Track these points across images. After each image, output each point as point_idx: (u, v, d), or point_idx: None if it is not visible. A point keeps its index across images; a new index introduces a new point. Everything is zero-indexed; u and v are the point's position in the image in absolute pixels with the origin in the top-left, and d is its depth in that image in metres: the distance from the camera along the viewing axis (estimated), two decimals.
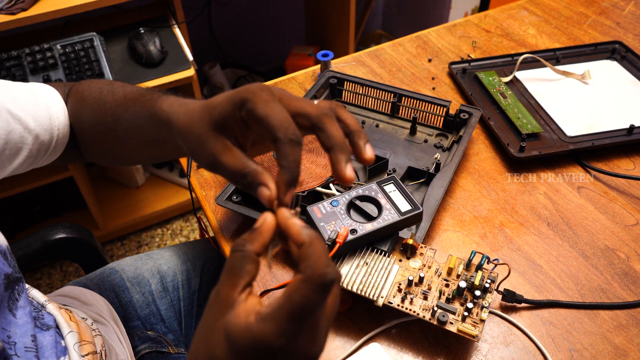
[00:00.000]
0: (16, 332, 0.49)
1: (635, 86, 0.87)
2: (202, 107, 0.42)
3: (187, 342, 0.77)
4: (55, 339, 0.53)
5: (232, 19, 2.00)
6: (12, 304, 0.51)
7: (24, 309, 0.51)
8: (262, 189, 0.39)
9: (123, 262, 0.81)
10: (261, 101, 0.38)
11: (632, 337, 0.56)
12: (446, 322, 0.52)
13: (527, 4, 1.11)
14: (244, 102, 0.39)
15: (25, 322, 0.50)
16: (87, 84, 0.59)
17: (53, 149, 0.58)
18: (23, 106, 0.54)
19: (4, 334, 0.48)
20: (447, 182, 0.67)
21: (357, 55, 0.99)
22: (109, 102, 0.54)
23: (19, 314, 0.51)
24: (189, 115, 0.43)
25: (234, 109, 0.40)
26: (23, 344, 0.49)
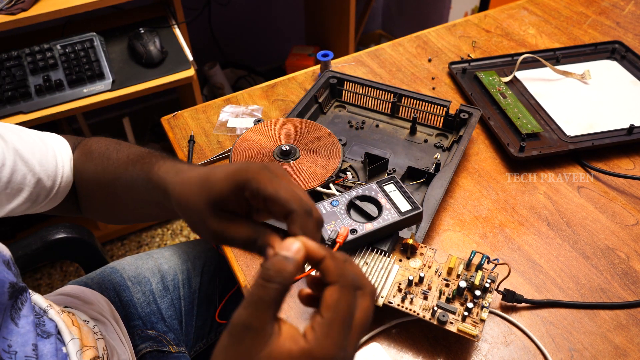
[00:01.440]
0: (17, 341, 0.49)
1: (635, 86, 0.87)
2: (200, 182, 0.43)
3: (188, 341, 0.77)
4: (55, 346, 0.53)
5: (232, 19, 2.00)
6: (14, 312, 0.51)
7: (26, 317, 0.51)
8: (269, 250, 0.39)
9: (124, 261, 0.81)
10: (265, 180, 0.39)
11: (632, 336, 0.56)
12: (446, 322, 0.52)
13: (527, 4, 1.11)
14: (246, 183, 0.40)
15: (27, 331, 0.50)
16: (97, 140, 0.61)
17: (53, 196, 0.58)
18: (31, 149, 0.56)
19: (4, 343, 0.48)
20: (447, 182, 0.67)
21: (357, 55, 0.99)
22: (113, 160, 0.56)
23: (21, 322, 0.51)
24: (186, 187, 0.44)
25: (235, 190, 0.40)
26: (24, 353, 0.49)
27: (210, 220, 0.41)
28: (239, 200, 0.41)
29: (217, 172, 0.42)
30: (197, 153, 0.80)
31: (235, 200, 0.41)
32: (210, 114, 0.87)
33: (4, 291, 0.49)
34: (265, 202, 0.40)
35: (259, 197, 0.39)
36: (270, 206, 0.40)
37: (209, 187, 0.41)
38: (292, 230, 0.39)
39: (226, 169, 0.42)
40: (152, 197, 0.50)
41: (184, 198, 0.43)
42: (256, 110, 0.87)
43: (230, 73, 2.07)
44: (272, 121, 0.74)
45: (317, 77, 0.93)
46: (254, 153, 0.69)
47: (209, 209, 0.41)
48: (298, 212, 0.39)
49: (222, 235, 0.42)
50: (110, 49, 1.32)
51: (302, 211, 0.39)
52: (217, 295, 0.81)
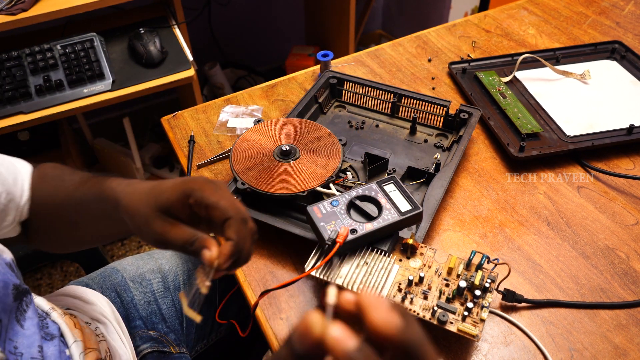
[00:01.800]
0: (23, 342, 0.49)
1: (635, 86, 0.87)
2: (149, 189, 0.48)
3: (189, 341, 0.77)
4: (59, 348, 0.53)
5: (232, 19, 2.00)
6: (19, 315, 0.51)
7: (32, 319, 0.51)
8: (204, 252, 0.45)
9: (124, 261, 0.81)
10: (209, 190, 0.46)
11: (632, 336, 0.56)
12: (446, 322, 0.52)
13: (527, 4, 1.11)
14: (192, 192, 0.46)
15: (32, 333, 0.51)
16: (52, 165, 0.62)
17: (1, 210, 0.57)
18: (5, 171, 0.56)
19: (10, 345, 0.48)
20: (447, 182, 0.67)
21: (357, 55, 0.99)
22: (66, 181, 0.58)
23: (26, 324, 0.51)
24: (136, 195, 0.49)
25: (182, 198, 0.47)
26: (30, 354, 0.49)
27: (155, 222, 0.47)
28: (184, 207, 0.47)
29: (166, 182, 0.49)
30: (197, 153, 0.80)
31: (180, 207, 0.47)
32: (211, 114, 0.87)
33: (8, 293, 0.49)
34: (207, 209, 0.46)
35: (202, 205, 0.46)
36: (211, 213, 0.46)
37: (158, 194, 0.48)
38: (228, 234, 0.45)
39: (175, 180, 0.49)
40: (103, 211, 0.53)
41: (133, 204, 0.48)
42: (256, 110, 0.87)
43: (230, 73, 2.07)
44: (272, 121, 0.74)
45: (317, 77, 0.94)
46: (254, 153, 0.69)
47: (155, 213, 0.47)
48: (235, 219, 0.45)
49: (164, 237, 0.47)
50: (111, 49, 1.32)
51: (239, 218, 0.46)
52: (217, 296, 0.81)
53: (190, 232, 0.46)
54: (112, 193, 0.51)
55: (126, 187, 0.50)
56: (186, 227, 0.47)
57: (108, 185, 0.52)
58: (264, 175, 0.66)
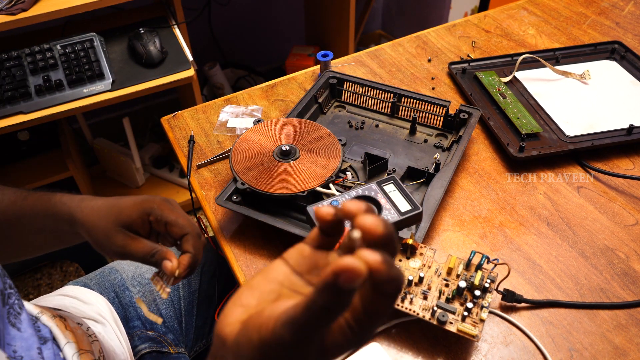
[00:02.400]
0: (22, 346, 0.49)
1: (635, 86, 0.87)
2: (109, 207, 0.54)
3: (187, 341, 0.77)
4: (53, 351, 0.53)
5: (232, 19, 2.00)
6: (13, 318, 0.50)
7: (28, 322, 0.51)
8: (166, 262, 0.52)
9: (123, 261, 0.81)
10: (168, 209, 0.54)
11: (632, 336, 0.56)
12: (446, 322, 0.52)
13: (527, 4, 1.11)
14: (152, 211, 0.53)
15: (30, 335, 0.50)
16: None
17: None
18: None
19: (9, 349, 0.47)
20: (446, 182, 0.67)
21: (357, 55, 0.99)
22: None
23: (23, 327, 0.51)
24: (95, 211, 0.54)
25: (142, 215, 0.53)
26: (30, 357, 0.49)
27: (117, 236, 0.52)
28: (144, 224, 0.54)
29: (125, 200, 0.54)
30: (197, 153, 0.80)
31: (141, 223, 0.54)
32: (210, 114, 0.87)
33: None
34: (165, 226, 0.54)
35: (162, 221, 0.53)
36: (170, 229, 0.54)
37: (118, 211, 0.53)
38: (186, 247, 0.53)
39: (134, 199, 0.54)
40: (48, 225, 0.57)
41: (91, 219, 0.53)
42: (256, 110, 0.87)
43: (230, 73, 2.07)
44: (272, 121, 0.74)
45: (317, 77, 0.94)
46: (253, 153, 0.69)
47: (116, 228, 0.52)
48: (192, 234, 0.54)
49: (125, 249, 0.52)
50: (110, 49, 1.32)
51: (195, 234, 0.54)
52: (216, 295, 0.81)
53: (150, 245, 0.53)
54: (65, 208, 0.55)
55: (80, 202, 0.55)
56: (146, 240, 0.53)
57: (58, 201, 0.56)
58: (263, 175, 0.66)
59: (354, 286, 0.26)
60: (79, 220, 0.54)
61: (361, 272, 0.26)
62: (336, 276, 0.26)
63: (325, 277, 0.26)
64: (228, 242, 0.67)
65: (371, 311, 0.30)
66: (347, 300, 0.27)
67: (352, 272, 0.26)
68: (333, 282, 0.26)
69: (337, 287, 0.26)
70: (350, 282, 0.26)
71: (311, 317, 0.28)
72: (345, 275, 0.26)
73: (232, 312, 0.33)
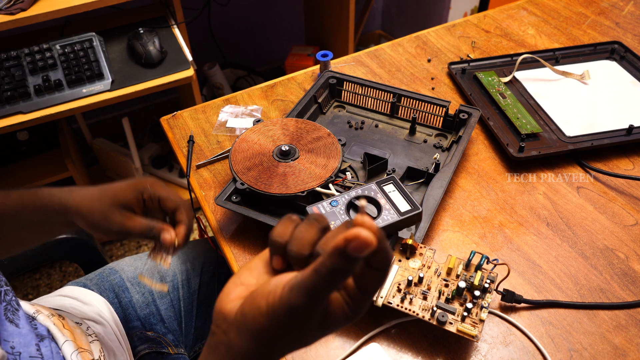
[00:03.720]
0: (20, 341, 0.49)
1: (635, 86, 0.87)
2: (102, 191, 0.56)
3: (187, 342, 0.77)
4: (51, 349, 0.53)
5: (231, 19, 2.00)
6: (11, 314, 0.50)
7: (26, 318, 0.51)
8: (164, 234, 0.56)
9: (123, 262, 0.80)
10: (159, 188, 0.58)
11: (632, 337, 0.56)
12: (445, 322, 0.52)
13: (527, 4, 1.11)
14: (145, 189, 0.57)
15: (28, 331, 0.50)
16: None
17: None
18: None
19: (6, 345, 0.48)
20: (446, 182, 0.67)
21: (357, 55, 0.99)
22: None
23: (21, 323, 0.51)
24: (88, 197, 0.56)
25: (136, 194, 0.57)
26: (28, 353, 0.49)
27: (114, 216, 0.55)
28: (138, 203, 0.57)
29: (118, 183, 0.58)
30: (197, 153, 0.80)
31: (136, 202, 0.57)
32: (210, 114, 0.87)
33: None
34: (159, 202, 0.58)
35: (155, 198, 0.58)
36: (163, 204, 0.58)
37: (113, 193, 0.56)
38: (180, 218, 0.58)
39: (127, 181, 0.58)
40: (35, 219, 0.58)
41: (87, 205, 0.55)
42: (255, 110, 0.87)
43: (230, 73, 2.07)
44: (272, 121, 0.74)
45: (316, 77, 0.93)
46: (253, 153, 0.69)
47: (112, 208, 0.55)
48: (184, 206, 0.59)
49: (124, 227, 0.55)
50: (110, 49, 1.32)
51: (187, 205, 0.60)
52: (216, 296, 0.81)
53: (147, 221, 0.56)
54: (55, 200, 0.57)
55: (70, 192, 0.57)
56: (143, 218, 0.57)
57: (46, 194, 0.57)
58: (263, 175, 0.66)
59: (362, 254, 0.29)
60: (73, 208, 0.56)
61: (371, 242, 0.28)
62: (347, 242, 0.28)
63: (337, 242, 0.29)
64: (227, 242, 0.67)
65: (364, 286, 0.33)
66: (353, 267, 0.30)
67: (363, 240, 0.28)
68: (343, 248, 0.28)
69: (346, 252, 0.28)
70: (359, 250, 0.28)
71: (319, 279, 0.30)
72: (356, 242, 0.28)
73: (233, 290, 0.35)
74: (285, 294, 0.31)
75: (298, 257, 0.33)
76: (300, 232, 0.34)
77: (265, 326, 0.32)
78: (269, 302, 0.32)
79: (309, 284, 0.30)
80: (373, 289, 0.33)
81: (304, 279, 0.30)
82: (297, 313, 0.31)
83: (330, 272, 0.29)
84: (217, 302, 0.36)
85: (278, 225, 0.35)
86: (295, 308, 0.31)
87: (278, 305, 0.31)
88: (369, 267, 0.32)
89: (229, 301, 0.35)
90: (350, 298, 0.33)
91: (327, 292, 0.31)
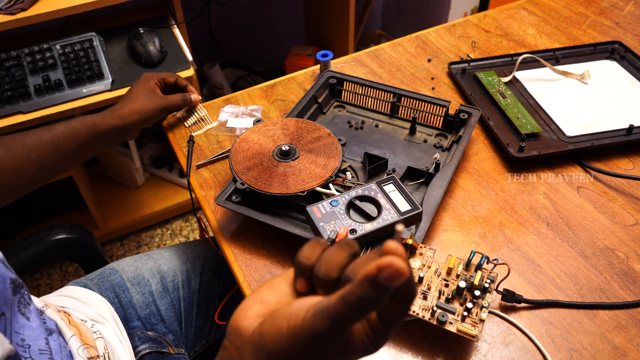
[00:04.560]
0: (30, 334, 0.49)
1: (635, 86, 0.87)
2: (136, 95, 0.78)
3: (187, 342, 0.77)
4: (59, 343, 0.53)
5: (231, 19, 2.00)
6: (23, 307, 0.51)
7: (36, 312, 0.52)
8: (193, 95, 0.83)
9: (123, 262, 0.80)
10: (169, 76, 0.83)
11: (632, 337, 0.56)
12: (446, 322, 0.52)
13: (527, 4, 1.11)
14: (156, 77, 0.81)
15: (38, 325, 0.51)
16: None
17: None
18: None
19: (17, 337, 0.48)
20: (446, 182, 0.67)
21: (357, 55, 0.99)
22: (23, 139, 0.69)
23: (32, 317, 0.51)
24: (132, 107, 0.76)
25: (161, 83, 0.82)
26: (37, 346, 0.49)
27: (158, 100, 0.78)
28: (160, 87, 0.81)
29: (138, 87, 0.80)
30: (197, 153, 0.80)
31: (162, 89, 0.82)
32: (210, 114, 0.87)
33: (7, 287, 0.49)
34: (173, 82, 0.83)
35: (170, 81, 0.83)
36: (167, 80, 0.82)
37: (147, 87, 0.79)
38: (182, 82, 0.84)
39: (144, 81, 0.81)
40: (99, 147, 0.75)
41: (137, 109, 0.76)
42: (256, 110, 0.87)
43: (230, 73, 2.07)
44: (272, 121, 0.74)
45: (316, 77, 0.93)
46: (253, 153, 0.69)
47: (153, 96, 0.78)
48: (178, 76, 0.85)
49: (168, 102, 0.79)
50: (110, 49, 1.32)
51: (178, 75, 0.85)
52: (216, 296, 0.81)
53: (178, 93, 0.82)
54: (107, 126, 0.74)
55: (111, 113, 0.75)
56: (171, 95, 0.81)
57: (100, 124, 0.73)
58: (263, 175, 0.66)
59: (394, 285, 0.27)
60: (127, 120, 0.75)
61: (404, 272, 0.27)
62: (380, 270, 0.27)
63: (369, 270, 0.28)
64: (227, 242, 0.67)
65: (385, 318, 0.31)
66: (383, 297, 0.28)
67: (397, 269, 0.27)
68: (375, 276, 0.27)
69: (377, 281, 0.27)
70: (392, 280, 0.27)
71: (346, 307, 0.29)
72: (389, 271, 0.27)
73: (251, 306, 0.34)
74: (308, 319, 0.30)
75: (325, 280, 0.32)
76: (329, 254, 0.33)
77: (285, 349, 0.31)
78: (290, 325, 0.31)
79: (336, 312, 0.29)
80: (395, 321, 0.32)
81: (330, 306, 0.29)
82: (319, 340, 0.30)
83: (360, 300, 0.28)
84: (233, 316, 0.34)
85: (305, 247, 0.34)
86: (318, 334, 0.30)
87: (300, 330, 0.30)
88: (392, 299, 0.31)
89: (245, 317, 0.33)
90: (371, 329, 0.32)
91: (353, 322, 0.30)
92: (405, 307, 0.31)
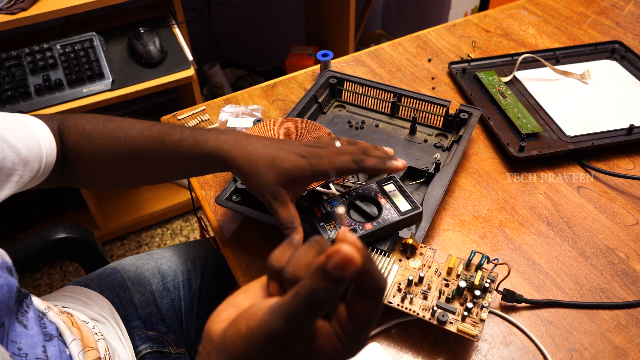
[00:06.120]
0: (27, 343, 0.49)
1: (635, 86, 0.87)
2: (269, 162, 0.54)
3: (188, 342, 0.77)
4: (59, 348, 0.53)
5: (231, 19, 2.00)
6: (21, 316, 0.51)
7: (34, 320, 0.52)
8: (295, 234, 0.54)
9: (124, 261, 0.81)
10: None
11: (632, 337, 0.56)
12: (446, 322, 0.52)
13: (527, 4, 1.11)
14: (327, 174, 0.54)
15: (36, 333, 0.51)
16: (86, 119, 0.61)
17: (39, 176, 0.58)
18: (15, 134, 0.55)
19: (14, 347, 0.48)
20: (446, 182, 0.67)
21: (357, 55, 0.99)
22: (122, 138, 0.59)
23: (30, 324, 0.51)
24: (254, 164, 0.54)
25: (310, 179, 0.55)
26: (34, 355, 0.49)
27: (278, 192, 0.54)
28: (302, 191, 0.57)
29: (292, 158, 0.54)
30: None
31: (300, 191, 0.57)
32: (210, 114, 0.87)
33: (12, 296, 0.49)
34: None
35: None
36: None
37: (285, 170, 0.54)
38: None
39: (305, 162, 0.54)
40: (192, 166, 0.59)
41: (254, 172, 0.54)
42: (256, 110, 0.87)
43: (230, 73, 2.07)
44: (272, 121, 0.74)
45: (317, 77, 0.93)
46: None
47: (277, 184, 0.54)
48: None
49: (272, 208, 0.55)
50: (110, 49, 1.32)
51: None
52: (217, 296, 0.81)
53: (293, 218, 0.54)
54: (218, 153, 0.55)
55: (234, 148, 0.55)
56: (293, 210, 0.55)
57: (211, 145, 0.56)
58: None
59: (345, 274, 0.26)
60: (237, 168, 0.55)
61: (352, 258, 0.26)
62: (327, 259, 0.26)
63: (318, 261, 0.26)
64: (228, 242, 0.67)
65: (356, 317, 0.29)
66: (337, 290, 0.27)
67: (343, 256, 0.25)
68: (323, 266, 0.26)
69: (326, 271, 0.26)
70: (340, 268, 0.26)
71: (298, 302, 0.27)
72: (336, 258, 0.26)
73: (224, 310, 0.33)
74: (265, 318, 0.28)
75: (293, 280, 0.30)
76: (297, 255, 0.31)
77: (243, 351, 0.29)
78: (249, 325, 0.29)
79: (288, 308, 0.27)
80: (367, 320, 0.29)
81: (284, 302, 0.28)
82: (275, 340, 0.28)
83: (310, 294, 0.26)
84: (207, 322, 0.33)
85: (277, 249, 0.33)
86: (273, 334, 0.28)
87: (257, 330, 0.28)
88: (359, 295, 0.29)
89: (217, 322, 0.33)
90: (342, 330, 0.29)
91: (309, 318, 0.28)
92: (375, 304, 0.29)
